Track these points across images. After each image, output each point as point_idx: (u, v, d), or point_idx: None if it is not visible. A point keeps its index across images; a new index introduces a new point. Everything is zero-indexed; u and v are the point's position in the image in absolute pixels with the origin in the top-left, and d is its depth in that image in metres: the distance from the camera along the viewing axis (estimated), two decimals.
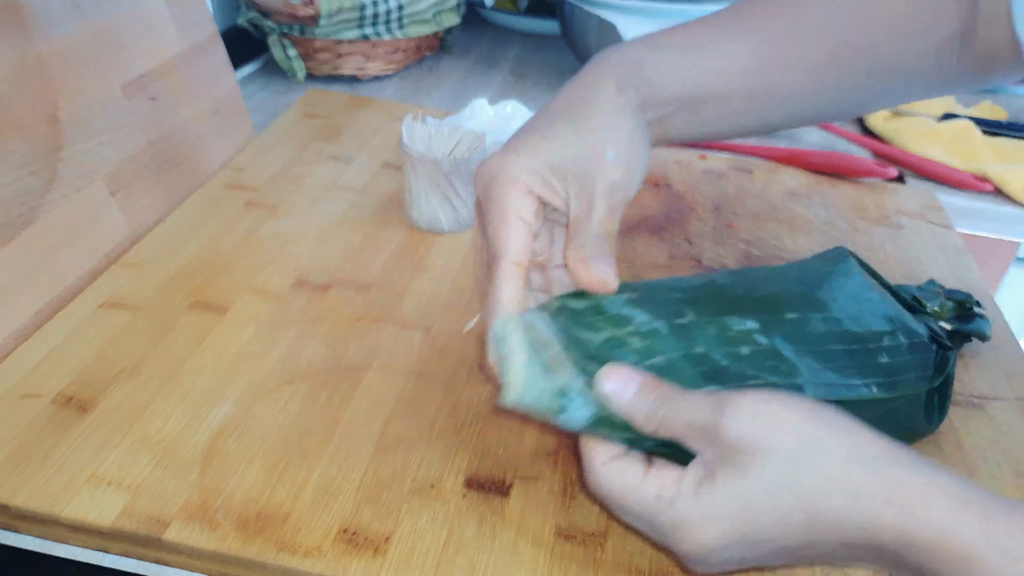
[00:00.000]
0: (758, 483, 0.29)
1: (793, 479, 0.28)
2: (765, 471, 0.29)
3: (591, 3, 0.85)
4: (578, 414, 0.33)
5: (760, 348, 0.37)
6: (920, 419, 0.43)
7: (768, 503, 0.28)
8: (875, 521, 0.27)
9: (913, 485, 0.27)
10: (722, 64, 0.43)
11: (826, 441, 0.29)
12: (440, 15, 0.93)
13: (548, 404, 0.32)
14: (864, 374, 0.39)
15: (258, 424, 0.42)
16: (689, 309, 0.37)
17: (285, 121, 0.76)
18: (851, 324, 0.41)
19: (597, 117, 0.38)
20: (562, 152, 0.36)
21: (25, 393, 0.43)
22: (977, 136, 0.86)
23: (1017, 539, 0.25)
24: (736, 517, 0.29)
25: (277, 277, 0.54)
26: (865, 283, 0.46)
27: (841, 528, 0.28)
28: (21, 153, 0.47)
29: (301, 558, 0.36)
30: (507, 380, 0.32)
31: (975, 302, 0.51)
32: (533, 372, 0.33)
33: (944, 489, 0.27)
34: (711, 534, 0.29)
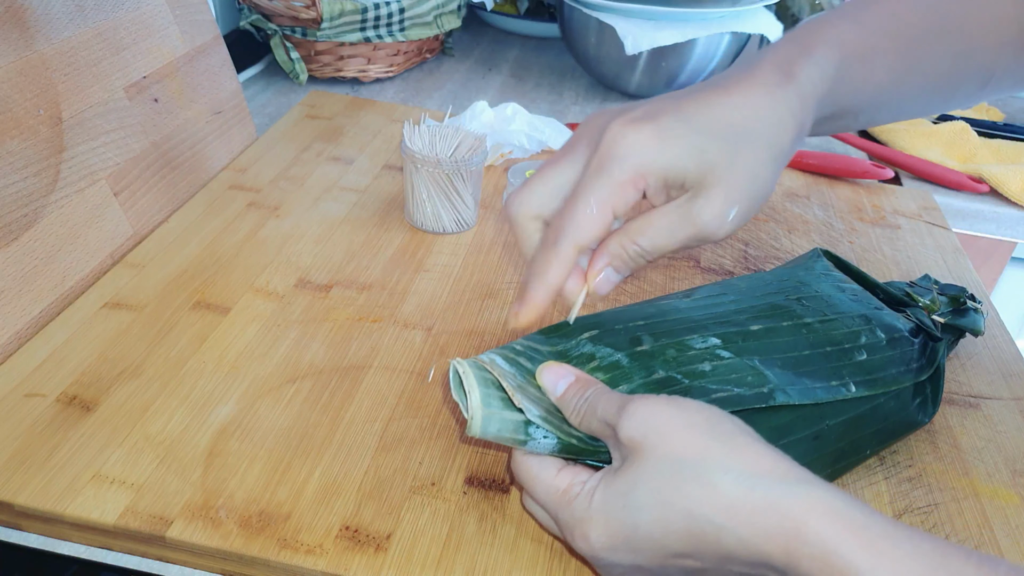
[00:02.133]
0: (641, 483, 0.29)
1: (674, 484, 0.28)
2: (648, 473, 0.29)
3: (590, 6, 0.86)
4: (542, 443, 0.34)
5: (724, 362, 0.37)
6: (911, 412, 0.43)
7: (648, 503, 0.29)
8: (757, 535, 0.27)
9: (794, 501, 0.27)
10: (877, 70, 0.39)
11: (710, 451, 0.29)
12: (441, 18, 0.93)
13: (512, 435, 0.33)
14: (840, 374, 0.39)
15: (260, 423, 0.42)
16: (647, 336, 0.38)
17: (287, 123, 0.76)
18: (823, 327, 0.41)
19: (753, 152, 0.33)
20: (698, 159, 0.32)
21: (28, 392, 0.43)
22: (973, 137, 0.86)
23: (895, 555, 0.25)
24: (619, 514, 0.30)
25: (279, 277, 0.54)
26: (839, 283, 0.46)
27: (722, 541, 0.28)
28: (24, 154, 0.48)
29: (303, 556, 0.36)
30: (470, 415, 0.33)
31: (968, 296, 0.52)
32: (492, 407, 0.33)
33: (825, 506, 0.27)
34: (596, 531, 0.30)
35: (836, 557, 0.25)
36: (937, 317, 0.49)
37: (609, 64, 0.90)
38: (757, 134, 0.33)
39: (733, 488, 0.28)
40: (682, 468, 0.28)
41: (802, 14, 0.91)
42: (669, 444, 0.29)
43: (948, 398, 0.49)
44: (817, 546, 0.26)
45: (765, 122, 0.33)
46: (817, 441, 0.38)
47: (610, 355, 0.37)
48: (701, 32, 0.83)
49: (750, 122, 0.33)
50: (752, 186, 0.33)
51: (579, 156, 0.34)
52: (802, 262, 0.48)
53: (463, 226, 0.61)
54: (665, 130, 0.32)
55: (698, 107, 0.33)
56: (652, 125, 0.32)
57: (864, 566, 0.25)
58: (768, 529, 0.27)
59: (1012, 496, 0.43)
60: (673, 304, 0.41)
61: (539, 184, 0.35)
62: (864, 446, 0.42)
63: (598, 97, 0.95)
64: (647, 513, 0.29)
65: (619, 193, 0.32)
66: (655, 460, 0.29)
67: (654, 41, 0.82)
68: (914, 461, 0.45)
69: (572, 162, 0.34)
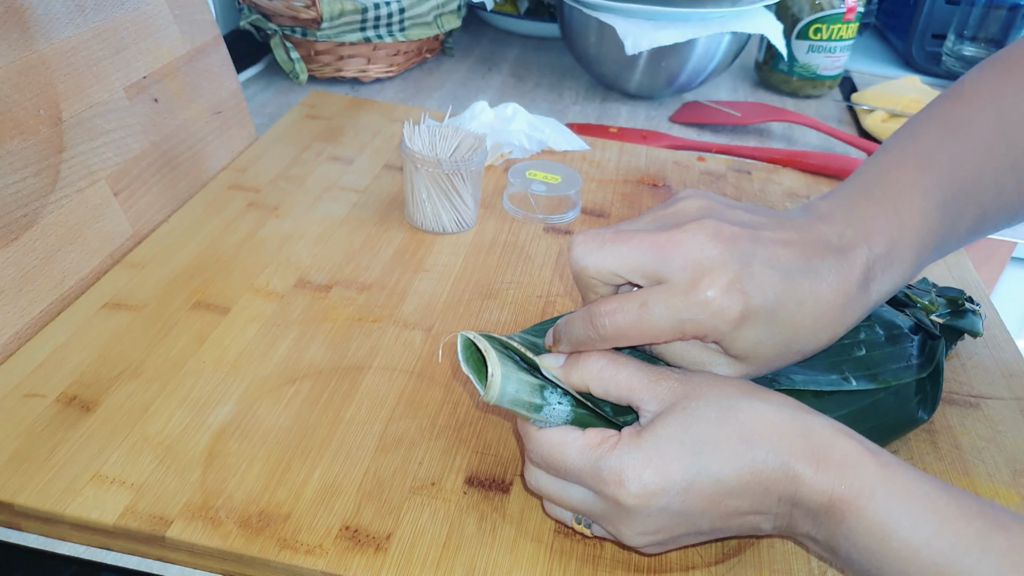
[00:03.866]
0: (697, 420, 0.31)
1: (729, 417, 0.31)
2: (702, 411, 0.31)
3: (590, 6, 0.86)
4: (557, 409, 0.33)
5: None
6: (912, 409, 0.44)
7: (707, 438, 0.31)
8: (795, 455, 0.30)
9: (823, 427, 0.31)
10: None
11: (753, 392, 0.33)
12: (441, 18, 0.93)
13: (528, 398, 0.33)
14: (841, 369, 0.40)
15: (260, 423, 0.42)
16: None
17: (287, 122, 0.76)
18: None
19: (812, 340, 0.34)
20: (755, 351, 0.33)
21: (28, 393, 0.43)
22: None
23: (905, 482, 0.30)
24: (675, 452, 0.31)
25: (278, 277, 0.54)
26: None
27: (768, 466, 0.30)
28: (24, 154, 0.48)
29: (303, 556, 0.36)
30: (489, 373, 0.33)
31: (967, 298, 0.52)
32: (509, 367, 0.33)
33: (847, 434, 0.31)
34: (650, 472, 0.31)
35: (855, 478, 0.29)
36: (936, 318, 0.49)
37: (609, 64, 0.90)
38: (809, 349, 0.35)
39: (776, 415, 0.31)
40: (734, 404, 0.32)
41: (802, 14, 0.91)
42: (717, 388, 0.32)
43: (948, 398, 0.49)
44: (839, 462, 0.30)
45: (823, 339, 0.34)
46: None
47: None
48: (701, 32, 0.83)
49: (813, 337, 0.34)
50: (769, 371, 0.36)
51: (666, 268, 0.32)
52: None
53: (463, 226, 0.61)
54: (747, 317, 0.32)
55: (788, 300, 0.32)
56: (742, 305, 0.31)
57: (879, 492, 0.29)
58: (805, 450, 0.30)
59: (1013, 496, 0.43)
60: None
61: (613, 258, 0.33)
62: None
63: (598, 97, 0.95)
64: (710, 444, 0.31)
65: (678, 336, 0.33)
66: (707, 400, 0.32)
67: (654, 41, 0.82)
68: (915, 461, 0.45)
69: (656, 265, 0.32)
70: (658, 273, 0.32)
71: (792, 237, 0.34)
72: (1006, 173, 0.38)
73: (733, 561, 0.38)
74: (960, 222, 0.38)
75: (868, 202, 0.36)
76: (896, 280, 0.36)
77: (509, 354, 0.35)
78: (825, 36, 0.92)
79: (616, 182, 0.72)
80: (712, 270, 0.32)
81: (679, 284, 0.32)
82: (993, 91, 0.39)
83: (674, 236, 0.33)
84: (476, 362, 0.35)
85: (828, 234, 0.34)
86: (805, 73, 0.95)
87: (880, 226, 0.35)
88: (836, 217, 0.35)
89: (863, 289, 0.34)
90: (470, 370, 0.34)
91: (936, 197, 0.36)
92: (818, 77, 0.96)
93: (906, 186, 0.37)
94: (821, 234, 0.34)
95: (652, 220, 0.35)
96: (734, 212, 0.34)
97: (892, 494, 0.29)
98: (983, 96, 0.39)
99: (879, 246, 0.35)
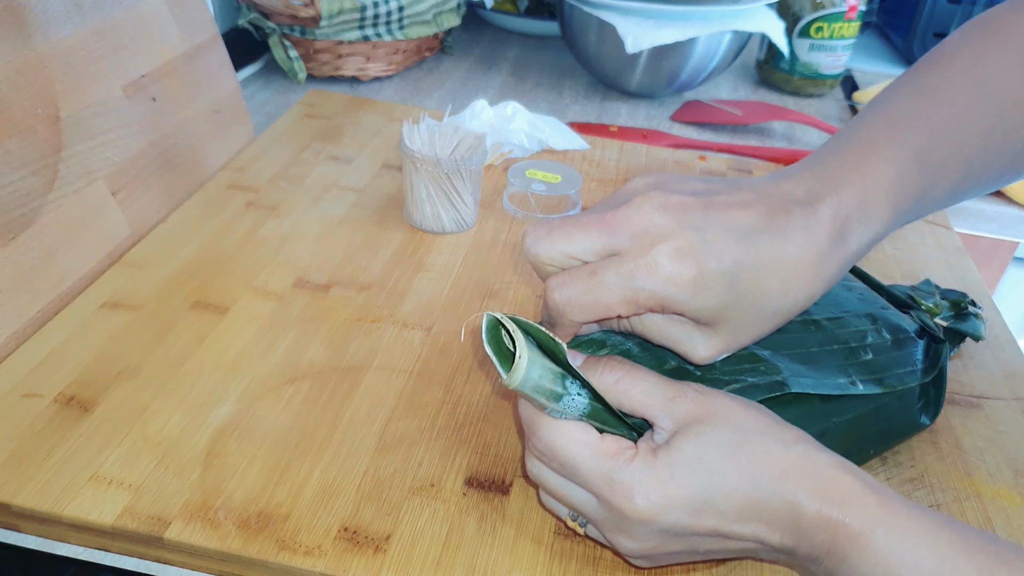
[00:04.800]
0: (711, 446, 0.31)
1: (742, 449, 0.31)
2: (717, 437, 0.31)
3: (591, 4, 0.86)
4: (576, 400, 0.33)
5: (734, 354, 0.37)
6: (915, 414, 0.43)
7: (719, 465, 0.31)
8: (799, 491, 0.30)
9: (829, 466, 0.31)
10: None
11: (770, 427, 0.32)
12: (440, 16, 0.93)
13: (550, 385, 0.32)
14: (848, 372, 0.39)
15: (259, 424, 0.42)
16: None
17: (286, 122, 0.76)
18: (831, 325, 0.41)
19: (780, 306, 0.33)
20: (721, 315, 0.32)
21: (26, 393, 0.43)
22: None
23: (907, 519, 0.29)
24: (687, 475, 0.31)
25: (277, 277, 0.54)
26: (846, 283, 0.46)
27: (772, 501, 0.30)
28: (22, 153, 0.48)
29: (302, 557, 0.36)
30: (518, 355, 0.31)
31: (970, 301, 0.52)
32: (534, 352, 0.32)
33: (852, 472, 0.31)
34: (660, 490, 0.31)
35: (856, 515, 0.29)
36: (940, 320, 0.49)
37: (609, 63, 0.90)
38: (785, 310, 0.33)
39: (785, 455, 0.31)
40: (746, 440, 0.31)
41: (803, 13, 0.91)
42: (736, 416, 0.32)
43: (950, 398, 0.49)
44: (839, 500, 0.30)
45: (799, 299, 0.33)
46: (823, 438, 0.38)
47: (621, 343, 0.37)
48: (702, 31, 0.83)
49: (785, 298, 0.33)
50: (750, 340, 0.35)
51: (615, 242, 0.32)
52: None
53: (462, 226, 0.61)
54: (705, 280, 0.31)
55: (748, 261, 0.31)
56: (696, 268, 0.31)
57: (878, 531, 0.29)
58: (810, 488, 0.30)
59: (1014, 497, 0.43)
60: None
61: (563, 242, 0.33)
62: (868, 446, 0.42)
63: (598, 96, 0.94)
64: (718, 474, 0.31)
65: (633, 308, 0.32)
66: (723, 428, 0.32)
67: (655, 40, 0.82)
68: (916, 462, 0.44)
69: (606, 241, 0.32)
70: (608, 248, 0.32)
71: (750, 198, 0.33)
72: (991, 130, 0.37)
73: (733, 564, 0.38)
74: (942, 175, 0.36)
75: (836, 157, 0.35)
76: (876, 231, 0.34)
77: (531, 340, 0.34)
78: (826, 35, 0.92)
79: (616, 181, 0.72)
80: (662, 237, 0.31)
81: (628, 252, 0.32)
82: (973, 53, 0.38)
83: (620, 211, 0.32)
84: (498, 345, 0.33)
85: (793, 191, 0.33)
86: (806, 72, 0.95)
87: (850, 177, 0.34)
88: (802, 175, 0.34)
89: (838, 243, 0.33)
90: (492, 352, 0.33)
91: (911, 147, 0.35)
92: (819, 76, 0.95)
93: (878, 140, 0.35)
94: (785, 192, 0.33)
95: (602, 204, 0.35)
96: (686, 184, 0.34)
97: (894, 531, 0.29)
98: (964, 58, 0.38)
99: (850, 197, 0.33)
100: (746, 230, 0.32)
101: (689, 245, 0.31)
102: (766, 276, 0.32)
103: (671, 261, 0.31)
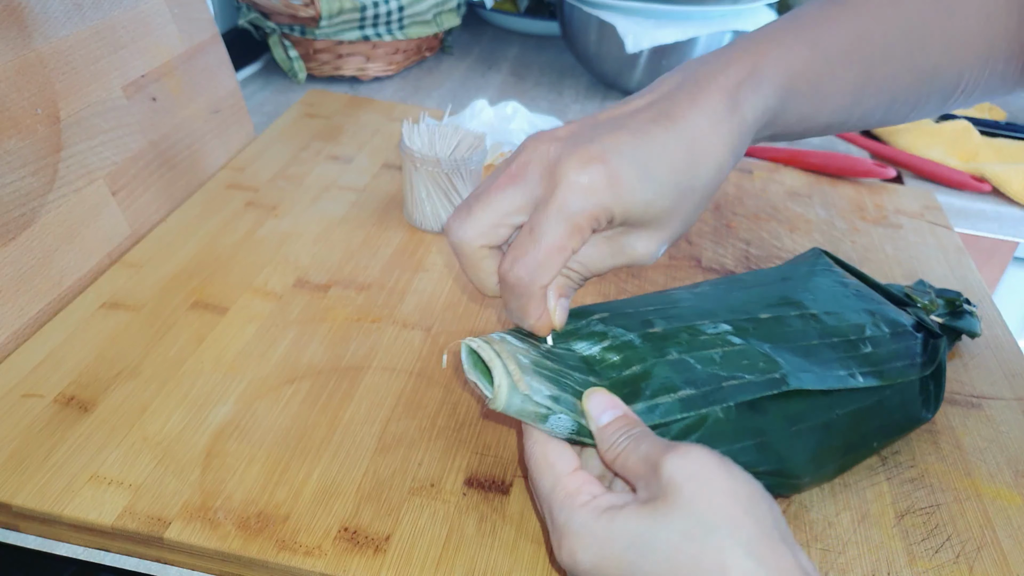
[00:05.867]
0: (660, 530, 0.28)
1: (693, 546, 0.27)
2: (673, 522, 0.28)
3: (591, 4, 0.85)
4: (562, 419, 0.33)
5: (734, 349, 0.37)
6: (916, 408, 0.43)
7: (658, 554, 0.28)
8: None
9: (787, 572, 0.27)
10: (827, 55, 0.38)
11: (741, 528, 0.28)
12: (440, 16, 0.93)
13: (534, 409, 0.32)
14: (848, 365, 0.39)
15: (258, 424, 0.42)
16: (659, 319, 0.37)
17: (285, 121, 0.76)
18: (829, 319, 0.41)
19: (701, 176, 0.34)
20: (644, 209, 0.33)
21: (26, 393, 0.43)
22: (976, 136, 0.86)
23: None
24: (620, 549, 0.28)
25: (277, 277, 0.54)
26: (842, 280, 0.46)
27: None
28: (21, 153, 0.48)
29: (302, 557, 0.36)
30: (496, 384, 0.32)
31: (965, 300, 0.52)
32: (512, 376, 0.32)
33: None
34: (589, 553, 0.29)
35: None
36: (935, 318, 0.49)
37: (610, 62, 0.89)
38: (701, 183, 0.34)
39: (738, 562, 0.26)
40: (707, 533, 0.27)
41: None
42: (706, 501, 0.28)
43: (950, 398, 0.49)
44: None
45: (710, 167, 0.34)
46: (827, 430, 0.38)
47: (623, 335, 0.36)
48: (702, 30, 0.83)
49: (696, 169, 0.33)
50: (685, 226, 0.35)
51: (529, 188, 0.33)
52: (803, 260, 0.49)
53: None
54: (618, 176, 0.32)
55: (648, 146, 0.33)
56: (605, 169, 0.32)
57: None
58: None
59: (1015, 497, 0.43)
60: (682, 294, 0.41)
61: (485, 212, 0.34)
62: (871, 439, 0.42)
63: (598, 95, 0.94)
64: (652, 563, 0.28)
65: (578, 235, 0.33)
66: (685, 512, 0.28)
67: (655, 39, 0.82)
68: (916, 462, 0.44)
69: (521, 192, 0.33)
70: (525, 197, 0.33)
71: (637, 103, 0.34)
72: (896, 38, 0.38)
73: None
74: (840, 68, 0.37)
75: (727, 48, 0.37)
76: (769, 99, 0.35)
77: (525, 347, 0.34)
78: None
79: None
80: (563, 160, 0.32)
81: (544, 192, 0.32)
82: None
83: (519, 160, 0.33)
84: (483, 365, 0.34)
85: (680, 81, 0.35)
86: None
87: (736, 57, 0.35)
88: (688, 67, 0.36)
89: (732, 110, 0.34)
90: (477, 375, 0.34)
91: (806, 39, 0.36)
92: None
93: (767, 31, 0.37)
94: (671, 84, 0.35)
95: (499, 168, 0.35)
96: (572, 124, 0.35)
97: None
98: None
99: (736, 72, 0.34)
100: (636, 123, 0.33)
101: (589, 154, 0.32)
102: (671, 152, 0.33)
103: (581, 172, 0.32)
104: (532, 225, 0.33)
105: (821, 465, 0.39)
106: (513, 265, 0.33)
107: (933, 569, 0.38)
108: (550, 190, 0.32)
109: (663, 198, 0.33)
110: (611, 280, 0.57)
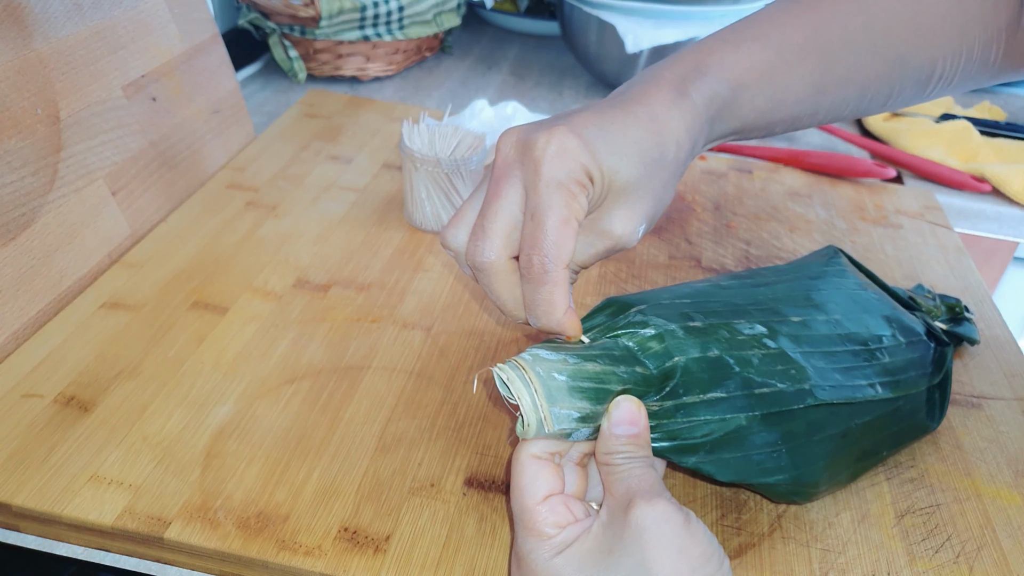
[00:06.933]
0: (608, 564, 0.29)
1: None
2: (619, 561, 0.29)
3: (591, 4, 0.85)
4: (582, 431, 0.33)
5: (769, 352, 0.37)
6: (923, 417, 0.43)
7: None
8: None
9: None
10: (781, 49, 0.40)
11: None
12: (440, 16, 0.93)
13: (560, 432, 0.32)
14: (868, 375, 0.39)
15: (258, 424, 0.42)
16: (697, 314, 0.37)
17: (285, 121, 0.76)
18: (851, 325, 0.41)
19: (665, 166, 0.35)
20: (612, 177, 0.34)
21: (26, 393, 0.43)
22: (976, 136, 0.86)
23: None
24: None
25: (277, 277, 0.54)
26: (859, 282, 0.46)
27: None
28: (22, 153, 0.48)
29: (302, 557, 0.36)
30: (524, 423, 0.32)
31: (964, 307, 0.52)
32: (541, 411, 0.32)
33: None
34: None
35: None
36: (939, 324, 0.49)
37: (609, 62, 0.89)
38: (664, 157, 0.35)
39: None
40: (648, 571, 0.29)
41: None
42: (657, 551, 0.29)
43: (951, 398, 0.49)
44: None
45: (669, 142, 0.35)
46: (844, 439, 0.39)
47: (665, 324, 0.36)
48: (702, 30, 0.83)
49: (657, 141, 0.35)
50: (658, 204, 0.36)
51: (516, 181, 0.34)
52: (820, 258, 0.48)
53: None
54: (588, 140, 0.33)
55: (610, 124, 0.34)
56: (574, 135, 0.33)
57: None
58: None
59: (1015, 497, 0.43)
60: (709, 288, 0.41)
61: (497, 222, 0.34)
62: (882, 447, 0.42)
63: (598, 95, 0.94)
64: None
65: (575, 201, 0.33)
66: (637, 558, 0.29)
67: (655, 39, 0.82)
68: (916, 462, 0.44)
69: (514, 186, 0.34)
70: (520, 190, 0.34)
71: (599, 103, 0.36)
72: (857, 29, 0.39)
73: (734, 563, 0.38)
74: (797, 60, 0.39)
75: (676, 53, 0.39)
76: (715, 87, 0.37)
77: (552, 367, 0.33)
78: None
79: None
80: (536, 142, 0.33)
81: (528, 174, 0.33)
82: None
83: (498, 163, 0.34)
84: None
85: (632, 82, 0.37)
86: None
87: (682, 57, 0.38)
88: (646, 69, 0.38)
89: (681, 95, 0.36)
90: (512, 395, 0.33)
91: (753, 35, 0.38)
92: None
93: (718, 34, 0.39)
94: (625, 86, 0.37)
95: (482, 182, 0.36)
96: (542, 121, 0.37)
97: None
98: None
99: (681, 68, 0.37)
100: (597, 107, 0.35)
101: (557, 128, 0.33)
102: (631, 131, 0.34)
103: (552, 142, 0.33)
104: (531, 211, 0.33)
105: (836, 473, 0.39)
106: (531, 254, 0.33)
107: (933, 569, 0.38)
108: (533, 170, 0.33)
109: (632, 167, 0.34)
110: (611, 280, 0.57)
